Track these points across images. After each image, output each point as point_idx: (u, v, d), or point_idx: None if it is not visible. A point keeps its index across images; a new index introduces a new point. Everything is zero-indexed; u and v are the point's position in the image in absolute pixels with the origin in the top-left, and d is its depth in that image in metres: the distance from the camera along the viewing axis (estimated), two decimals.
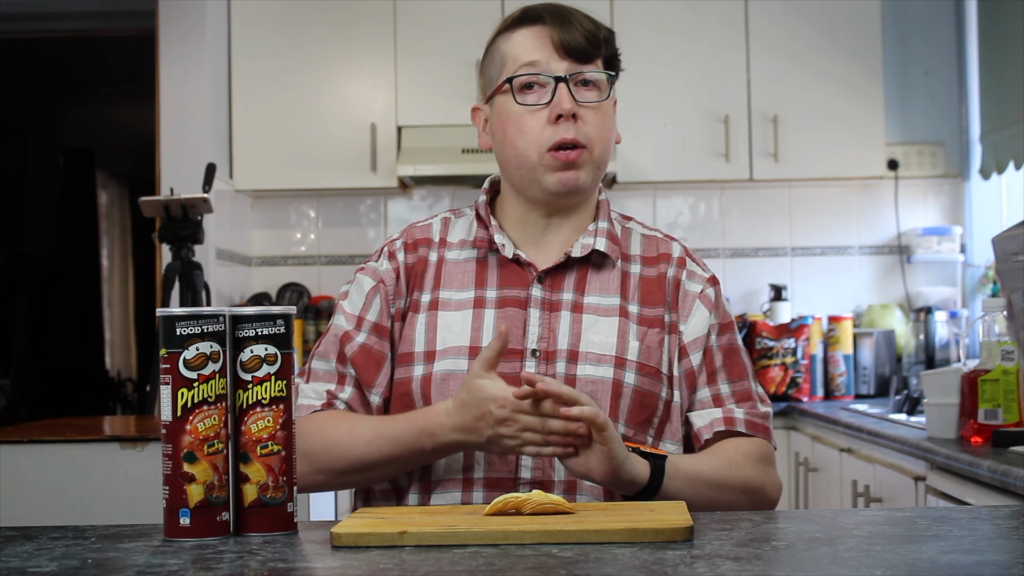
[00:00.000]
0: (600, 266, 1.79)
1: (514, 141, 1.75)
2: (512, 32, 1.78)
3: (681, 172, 4.52)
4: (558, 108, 1.72)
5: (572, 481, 1.68)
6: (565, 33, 1.74)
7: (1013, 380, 2.57)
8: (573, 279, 1.78)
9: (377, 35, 4.54)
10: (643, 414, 1.73)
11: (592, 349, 1.73)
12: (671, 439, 1.76)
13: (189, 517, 1.37)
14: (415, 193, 4.82)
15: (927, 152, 4.73)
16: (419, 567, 1.19)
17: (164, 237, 3.69)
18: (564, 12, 1.77)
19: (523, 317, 1.74)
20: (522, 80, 1.74)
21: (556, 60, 1.74)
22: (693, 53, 4.49)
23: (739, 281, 4.77)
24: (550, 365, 1.72)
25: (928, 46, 4.73)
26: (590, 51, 1.75)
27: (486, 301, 1.76)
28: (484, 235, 1.80)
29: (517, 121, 1.75)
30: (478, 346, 1.72)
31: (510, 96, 1.75)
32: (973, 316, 4.43)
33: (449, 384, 1.71)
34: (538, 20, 1.76)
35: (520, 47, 1.76)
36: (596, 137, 1.75)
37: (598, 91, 1.76)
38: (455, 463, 1.69)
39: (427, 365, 1.73)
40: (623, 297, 1.77)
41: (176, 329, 1.38)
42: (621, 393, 1.71)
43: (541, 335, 1.73)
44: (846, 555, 1.23)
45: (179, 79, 4.27)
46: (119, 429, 2.70)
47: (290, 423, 1.42)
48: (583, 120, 1.73)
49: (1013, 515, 1.48)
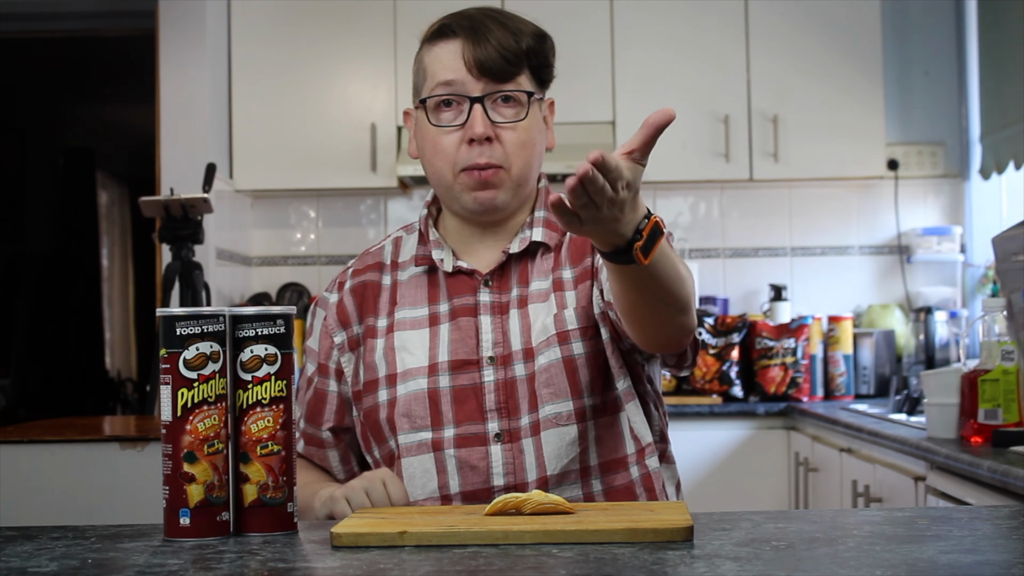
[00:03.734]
0: (543, 252, 1.78)
1: (431, 159, 1.75)
2: (432, 45, 1.75)
3: (681, 172, 4.51)
4: (470, 132, 1.70)
5: (543, 477, 1.68)
6: (479, 50, 1.70)
7: (1013, 380, 2.57)
8: (516, 274, 1.77)
9: (377, 35, 4.54)
10: (601, 378, 1.71)
11: (540, 338, 1.72)
12: (621, 375, 1.72)
13: (189, 517, 1.37)
14: (415, 193, 4.82)
15: (927, 152, 4.73)
16: (419, 567, 1.19)
17: (164, 237, 3.69)
18: (480, 27, 1.71)
19: (475, 325, 1.74)
20: (435, 100, 1.73)
21: (471, 80, 1.70)
22: (693, 53, 4.49)
23: (739, 281, 4.77)
24: (508, 368, 1.71)
25: (928, 46, 4.73)
26: (506, 69, 1.71)
27: (440, 316, 1.76)
28: (424, 251, 1.80)
29: (433, 140, 1.74)
30: (436, 362, 1.73)
31: (426, 113, 1.74)
32: (973, 316, 4.43)
33: (412, 406, 1.72)
34: (453, 35, 1.72)
35: (438, 63, 1.73)
36: (514, 155, 1.72)
37: (519, 107, 1.73)
38: (430, 482, 1.71)
39: (390, 389, 1.75)
40: (555, 269, 1.76)
41: (176, 329, 1.38)
42: (575, 367, 1.70)
43: (496, 340, 1.73)
44: (846, 555, 1.23)
45: (179, 79, 4.27)
46: (119, 429, 2.69)
47: (290, 423, 1.42)
48: (500, 140, 1.71)
49: (1013, 515, 1.48)
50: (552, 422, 1.69)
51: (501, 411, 1.70)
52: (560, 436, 1.69)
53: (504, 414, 1.70)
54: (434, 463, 1.71)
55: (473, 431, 1.70)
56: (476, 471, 1.69)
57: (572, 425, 1.69)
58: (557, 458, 1.69)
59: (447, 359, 1.73)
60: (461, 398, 1.71)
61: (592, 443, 1.71)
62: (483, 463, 1.69)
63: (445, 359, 1.73)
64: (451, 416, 1.71)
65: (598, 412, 1.71)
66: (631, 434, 1.74)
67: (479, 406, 1.71)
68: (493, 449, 1.69)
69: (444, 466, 1.70)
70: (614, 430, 1.72)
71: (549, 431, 1.69)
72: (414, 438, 1.72)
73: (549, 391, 1.69)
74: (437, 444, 1.70)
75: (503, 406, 1.70)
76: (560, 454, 1.69)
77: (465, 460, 1.69)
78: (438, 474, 1.70)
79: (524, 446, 1.69)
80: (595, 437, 1.71)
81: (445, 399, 1.71)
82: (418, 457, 1.72)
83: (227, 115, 4.53)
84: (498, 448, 1.69)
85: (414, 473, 1.72)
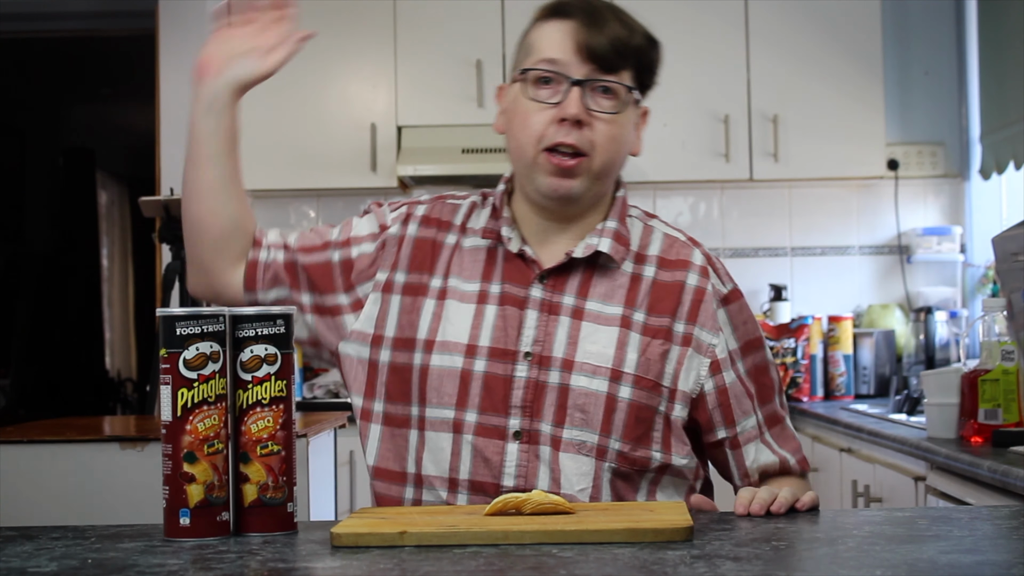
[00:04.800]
0: (606, 268, 1.74)
1: (517, 133, 1.72)
2: (544, 22, 1.73)
3: (681, 172, 4.51)
4: (564, 111, 1.68)
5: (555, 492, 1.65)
6: (591, 36, 1.68)
7: (1013, 380, 2.57)
8: (576, 282, 1.73)
9: (377, 35, 4.54)
10: (639, 428, 1.68)
11: (588, 360, 1.68)
12: (679, 453, 1.71)
13: (189, 517, 1.37)
14: (415, 193, 4.82)
15: (927, 152, 4.73)
16: (419, 567, 1.19)
17: (164, 237, 3.69)
18: (598, 13, 1.70)
19: (519, 317, 1.71)
20: (537, 75, 1.70)
21: (577, 63, 1.68)
22: (693, 53, 4.49)
23: (739, 281, 4.71)
24: (543, 371, 1.68)
25: (928, 46, 4.73)
26: (614, 60, 1.69)
27: (489, 296, 1.73)
28: (494, 226, 1.76)
29: (524, 113, 1.71)
30: (475, 344, 1.70)
31: (524, 87, 1.72)
32: (973, 316, 4.43)
33: (444, 381, 1.69)
34: (569, 16, 1.70)
35: (546, 40, 1.71)
36: (601, 146, 1.69)
37: (616, 101, 1.70)
38: (443, 461, 1.69)
39: (425, 355, 1.71)
40: (628, 304, 1.72)
41: (176, 329, 1.38)
42: (615, 408, 1.67)
43: (536, 338, 1.70)
44: (846, 555, 1.23)
45: (179, 79, 4.28)
46: (119, 429, 2.69)
47: (290, 423, 1.42)
48: (590, 127, 1.69)
49: (1013, 515, 1.48)
50: (573, 446, 1.66)
51: (525, 409, 1.68)
52: (578, 463, 1.66)
53: (528, 413, 1.68)
54: (451, 443, 1.68)
55: (494, 423, 1.68)
56: (489, 464, 1.67)
57: (592, 458, 1.66)
58: (570, 483, 1.66)
59: (487, 344, 1.70)
60: (491, 385, 1.68)
61: (607, 485, 1.67)
62: (497, 458, 1.67)
63: (486, 344, 1.70)
64: (477, 400, 1.68)
65: (621, 459, 1.67)
66: (647, 498, 1.70)
67: (505, 398, 1.68)
68: (510, 447, 1.67)
69: (459, 449, 1.68)
70: (630, 484, 1.69)
71: (569, 454, 1.66)
72: (439, 414, 1.69)
73: (582, 416, 1.67)
74: (458, 425, 1.68)
75: (528, 405, 1.68)
76: (574, 481, 1.66)
77: (481, 450, 1.67)
78: (451, 456, 1.68)
79: (541, 453, 1.67)
80: (610, 481, 1.67)
81: (476, 383, 1.69)
82: (439, 433, 1.69)
83: None
84: (515, 448, 1.67)
85: (433, 447, 1.69)
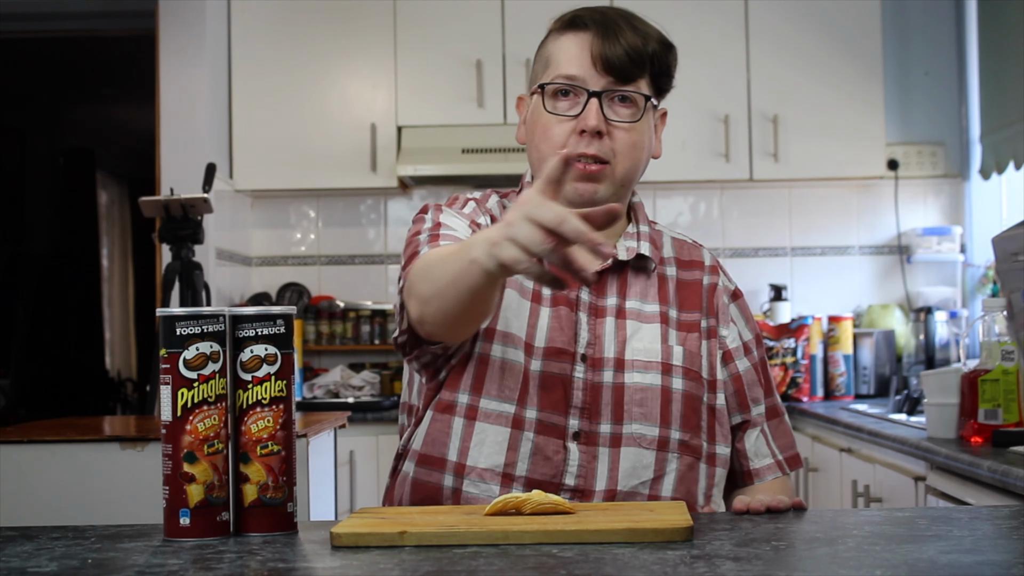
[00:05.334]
0: (639, 270, 1.80)
1: (538, 144, 1.75)
2: (561, 34, 1.76)
3: (681, 172, 4.51)
4: (583, 123, 1.71)
5: (612, 491, 1.67)
6: (607, 47, 1.71)
7: (1013, 380, 2.57)
8: (616, 283, 1.78)
9: (377, 35, 4.54)
10: (694, 419, 1.74)
11: (638, 356, 1.73)
12: (723, 442, 1.78)
13: (189, 517, 1.37)
14: (415, 193, 4.82)
15: (927, 152, 4.73)
16: (419, 567, 1.19)
17: (164, 237, 3.69)
18: (612, 23, 1.73)
19: (573, 319, 1.74)
20: (555, 88, 1.74)
21: (594, 75, 1.72)
22: (693, 53, 4.48)
23: (739, 281, 4.69)
24: (597, 372, 1.71)
25: (928, 46, 4.73)
26: (630, 69, 1.72)
27: (542, 296, 1.75)
28: None
29: (545, 126, 1.74)
30: (532, 344, 1.71)
31: (543, 99, 1.75)
32: (973, 316, 4.43)
33: (504, 374, 1.69)
34: (584, 28, 1.73)
35: (563, 53, 1.74)
36: (622, 154, 1.73)
37: (635, 108, 1.73)
38: (498, 455, 1.68)
39: (485, 343, 1.71)
40: (662, 302, 1.79)
41: (176, 329, 1.38)
42: (671, 399, 1.72)
43: (589, 340, 1.73)
44: (846, 555, 1.23)
45: (179, 79, 4.27)
46: (119, 429, 2.69)
47: (290, 423, 1.42)
48: (610, 137, 1.72)
49: (1013, 515, 1.48)
50: (635, 440, 1.69)
51: (584, 411, 1.70)
52: (639, 456, 1.69)
53: (586, 415, 1.69)
54: (508, 438, 1.68)
55: (554, 421, 1.69)
56: (549, 463, 1.68)
57: (652, 451, 1.70)
58: (629, 476, 1.68)
59: (543, 345, 1.71)
60: (549, 385, 1.70)
61: (670, 475, 1.71)
62: (558, 457, 1.68)
63: (542, 344, 1.71)
64: (536, 399, 1.69)
65: (683, 448, 1.71)
66: (706, 490, 1.75)
67: (565, 399, 1.69)
68: (571, 446, 1.68)
69: (518, 445, 1.68)
70: (692, 473, 1.73)
71: (630, 448, 1.69)
72: (496, 406, 1.69)
73: (640, 411, 1.70)
74: (518, 422, 1.68)
75: (587, 406, 1.70)
76: (634, 474, 1.69)
77: (541, 448, 1.67)
78: (508, 451, 1.68)
79: (599, 454, 1.69)
80: (675, 470, 1.71)
81: (534, 381, 1.69)
82: (495, 426, 1.68)
83: (227, 115, 4.53)
84: (575, 447, 1.68)
85: (484, 439, 1.68)
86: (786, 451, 1.85)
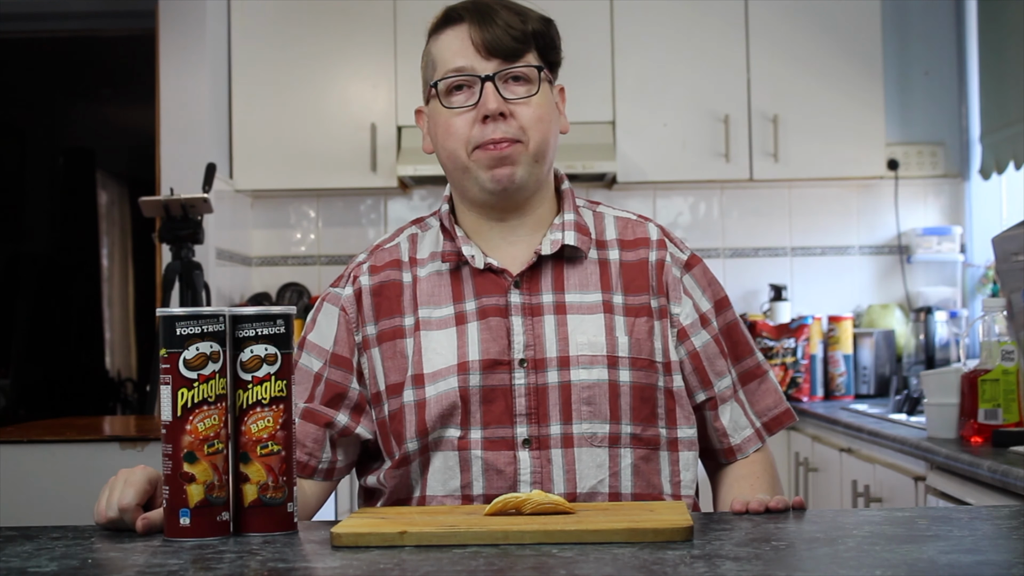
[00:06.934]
0: (574, 260, 1.76)
1: (444, 143, 1.74)
2: (439, 33, 1.76)
3: (681, 172, 4.51)
4: (484, 109, 1.70)
5: (572, 493, 1.66)
6: (487, 32, 1.71)
7: (1013, 380, 2.57)
8: (550, 278, 1.75)
9: (377, 35, 4.54)
10: (645, 409, 1.70)
11: (582, 352, 1.70)
12: (686, 424, 1.74)
13: (189, 517, 1.37)
14: (415, 193, 4.82)
15: (927, 152, 4.73)
16: (419, 567, 1.19)
17: (164, 237, 3.69)
18: (485, 10, 1.73)
19: (506, 326, 1.71)
20: (447, 83, 1.73)
21: (481, 61, 1.71)
22: (693, 53, 4.49)
23: (739, 281, 4.77)
24: (541, 374, 1.69)
25: (928, 46, 4.73)
26: (514, 47, 1.71)
27: (467, 315, 1.73)
28: (452, 247, 1.76)
29: (446, 123, 1.73)
30: (466, 361, 1.69)
31: (439, 100, 1.74)
32: (973, 316, 4.43)
33: (443, 406, 1.68)
34: (460, 20, 1.73)
35: (447, 50, 1.74)
36: (531, 129, 1.71)
37: (530, 84, 1.73)
38: (452, 480, 1.68)
39: (418, 390, 1.70)
40: (605, 289, 1.75)
41: (176, 329, 1.38)
42: (619, 393, 1.69)
43: (527, 343, 1.70)
44: (846, 555, 1.23)
45: (179, 79, 4.27)
46: (119, 429, 2.69)
47: (290, 423, 1.42)
48: (514, 116, 1.71)
49: (1013, 515, 1.48)
50: (587, 440, 1.67)
51: (531, 416, 1.68)
52: (593, 456, 1.67)
53: (533, 420, 1.68)
54: (458, 461, 1.67)
55: (501, 434, 1.67)
56: (502, 475, 1.66)
57: (605, 448, 1.68)
58: (587, 477, 1.67)
59: (478, 358, 1.69)
60: (490, 398, 1.68)
61: (625, 471, 1.69)
62: (510, 468, 1.67)
63: (476, 358, 1.69)
64: (479, 417, 1.68)
65: (635, 441, 1.69)
66: (671, 477, 1.72)
67: (508, 409, 1.68)
68: (521, 455, 1.67)
69: (469, 465, 1.67)
70: (651, 465, 1.71)
71: (582, 448, 1.67)
72: (442, 435, 1.68)
73: (589, 409, 1.68)
74: (463, 444, 1.67)
75: (533, 411, 1.68)
76: (590, 474, 1.67)
77: (492, 463, 1.66)
78: (462, 472, 1.67)
79: (553, 456, 1.67)
80: (630, 465, 1.69)
81: (474, 399, 1.68)
82: (442, 453, 1.68)
83: (227, 115, 4.53)
84: (526, 455, 1.67)
85: (436, 469, 1.69)
86: (765, 415, 1.82)
